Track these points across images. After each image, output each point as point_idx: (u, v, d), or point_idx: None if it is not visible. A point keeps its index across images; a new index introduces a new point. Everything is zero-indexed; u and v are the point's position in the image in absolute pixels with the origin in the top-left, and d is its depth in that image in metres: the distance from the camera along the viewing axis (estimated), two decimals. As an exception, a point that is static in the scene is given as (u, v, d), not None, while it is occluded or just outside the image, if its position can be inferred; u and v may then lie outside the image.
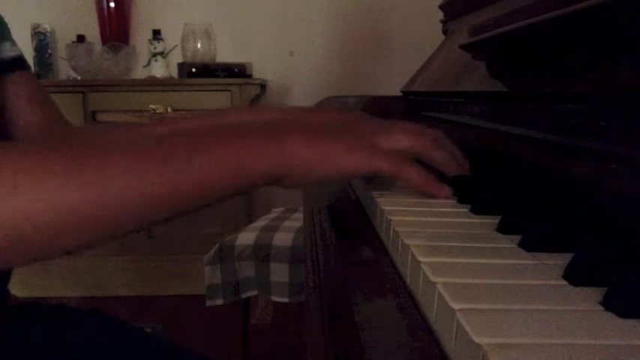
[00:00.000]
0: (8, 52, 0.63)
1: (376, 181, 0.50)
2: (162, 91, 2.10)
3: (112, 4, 2.25)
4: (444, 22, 1.06)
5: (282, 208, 1.64)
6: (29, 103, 0.65)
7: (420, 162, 0.46)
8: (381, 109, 1.12)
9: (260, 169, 0.39)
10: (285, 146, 0.39)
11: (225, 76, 2.11)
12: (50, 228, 0.33)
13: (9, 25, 0.64)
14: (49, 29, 2.26)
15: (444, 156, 0.47)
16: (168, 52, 2.30)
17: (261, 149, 0.39)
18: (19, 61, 0.65)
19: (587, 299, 0.24)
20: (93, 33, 2.29)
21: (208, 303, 1.36)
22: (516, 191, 0.45)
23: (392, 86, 1.21)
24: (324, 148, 0.41)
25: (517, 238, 0.33)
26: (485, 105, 0.64)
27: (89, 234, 0.35)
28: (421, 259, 0.29)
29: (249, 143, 0.39)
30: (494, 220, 0.37)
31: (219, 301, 1.36)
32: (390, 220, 0.38)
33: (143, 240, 2.12)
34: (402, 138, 0.45)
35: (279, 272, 1.31)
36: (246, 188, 0.40)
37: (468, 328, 0.21)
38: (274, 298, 1.32)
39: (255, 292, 1.36)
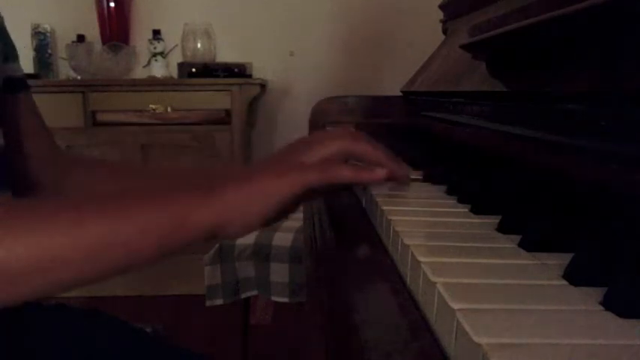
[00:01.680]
0: (17, 72, 0.64)
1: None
2: (162, 91, 2.10)
3: (112, 4, 2.25)
4: (444, 22, 1.06)
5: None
6: (32, 119, 0.66)
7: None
8: (380, 109, 1.12)
9: (195, 222, 0.40)
10: (215, 196, 0.41)
11: (225, 76, 2.11)
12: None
13: (9, 26, 0.65)
14: (49, 29, 2.26)
15: (368, 147, 0.47)
16: (169, 52, 2.30)
17: (195, 203, 0.40)
18: (25, 82, 0.66)
19: (587, 299, 0.24)
20: (93, 33, 2.29)
21: (208, 303, 1.36)
22: (516, 191, 0.45)
23: (392, 86, 1.21)
24: (254, 184, 0.42)
25: (517, 238, 0.33)
26: (485, 105, 0.64)
27: (39, 283, 0.37)
28: (421, 259, 0.29)
29: (181, 199, 0.41)
30: (494, 220, 0.37)
31: (219, 301, 1.36)
32: (390, 220, 0.38)
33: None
34: (322, 148, 0.46)
35: (279, 272, 1.30)
36: (185, 243, 0.41)
37: (467, 328, 0.21)
38: (274, 298, 1.32)
39: (255, 292, 1.36)
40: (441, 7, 1.06)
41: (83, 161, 0.71)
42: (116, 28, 2.28)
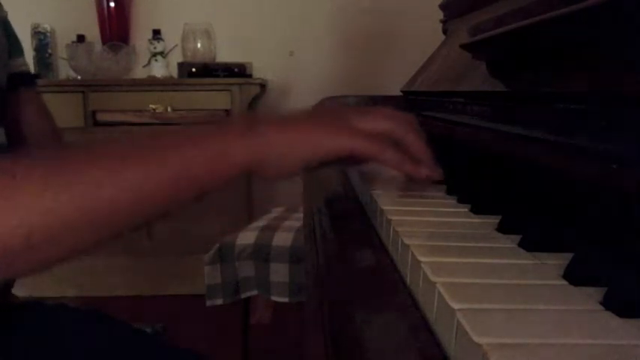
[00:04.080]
0: (23, 67, 0.64)
1: (374, 179, 0.50)
2: (162, 90, 2.10)
3: (112, 4, 2.25)
4: (444, 21, 1.06)
5: (282, 208, 1.64)
6: (41, 117, 0.66)
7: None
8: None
9: (236, 159, 0.40)
10: (259, 133, 0.40)
11: (225, 76, 2.11)
12: (42, 235, 0.34)
13: (10, 23, 0.65)
14: (49, 29, 2.25)
15: (420, 142, 0.46)
16: (169, 52, 2.30)
17: (236, 138, 0.40)
18: (31, 76, 0.66)
19: (587, 299, 0.24)
20: (93, 33, 2.29)
21: (208, 303, 1.36)
22: (516, 191, 0.45)
23: (392, 86, 1.21)
24: (299, 131, 0.41)
25: (517, 238, 0.33)
26: (485, 105, 0.64)
27: (85, 237, 0.36)
28: (421, 258, 0.29)
29: (225, 133, 0.40)
30: (494, 220, 0.37)
31: (219, 301, 1.36)
32: (390, 220, 0.38)
33: (143, 240, 2.12)
34: (379, 121, 0.45)
35: (279, 272, 1.30)
36: (223, 181, 0.40)
37: (468, 328, 0.21)
38: (274, 298, 1.32)
39: (255, 292, 1.36)
40: (441, 7, 1.06)
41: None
42: (116, 28, 2.27)
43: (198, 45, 2.21)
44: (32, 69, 2.20)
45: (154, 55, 2.26)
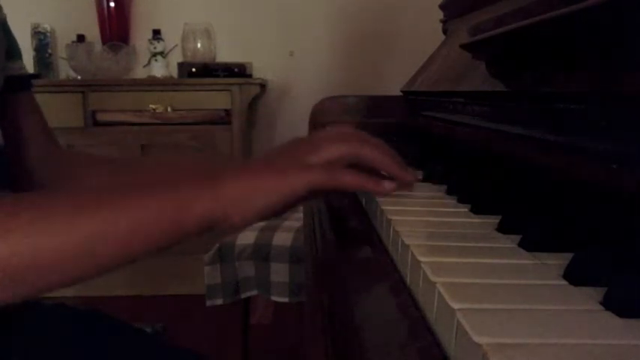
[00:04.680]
0: (21, 70, 0.64)
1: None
2: (162, 90, 2.10)
3: (112, 4, 2.25)
4: (444, 21, 1.06)
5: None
6: (33, 118, 0.66)
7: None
8: (380, 108, 1.12)
9: (196, 213, 0.40)
10: (218, 188, 0.40)
11: (225, 76, 2.11)
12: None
13: (9, 25, 0.64)
14: (49, 29, 2.25)
15: (376, 153, 0.46)
16: (169, 52, 2.30)
17: (194, 194, 0.40)
18: (29, 80, 0.66)
19: (587, 299, 0.24)
20: (93, 33, 2.29)
21: (208, 303, 1.36)
22: (516, 191, 0.45)
23: (392, 86, 1.21)
24: (255, 178, 0.41)
25: (517, 238, 0.33)
26: (485, 105, 0.64)
27: (33, 281, 0.37)
28: (421, 258, 0.29)
29: (182, 189, 0.40)
30: (494, 220, 0.37)
31: (219, 301, 1.36)
32: (390, 220, 0.38)
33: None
34: (331, 149, 0.45)
35: (279, 272, 1.30)
36: (183, 235, 0.40)
37: (467, 328, 0.21)
38: (274, 298, 1.32)
39: (255, 292, 1.36)
40: (441, 7, 1.06)
41: (83, 158, 0.71)
42: (116, 28, 2.27)
43: (198, 45, 2.21)
44: (32, 69, 2.20)
45: (154, 55, 2.26)
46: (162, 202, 0.39)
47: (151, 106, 2.07)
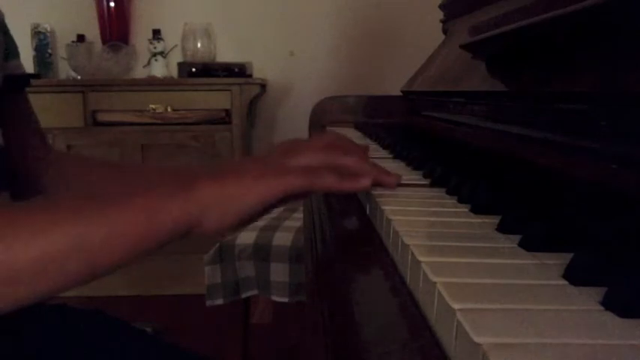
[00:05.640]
0: (18, 70, 0.64)
1: None
2: (162, 90, 2.10)
3: (112, 4, 2.25)
4: (444, 22, 1.06)
5: (282, 208, 1.64)
6: (33, 122, 0.66)
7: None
8: (381, 108, 1.12)
9: (171, 218, 0.39)
10: (193, 192, 0.40)
11: (225, 76, 2.11)
12: None
13: (9, 26, 0.65)
14: (49, 29, 2.25)
15: (349, 160, 0.46)
16: (169, 52, 2.30)
17: (168, 199, 0.40)
18: (27, 79, 0.66)
19: (587, 299, 0.24)
20: (93, 33, 2.29)
21: (208, 303, 1.36)
22: (516, 191, 0.45)
23: (392, 86, 1.21)
24: (232, 183, 0.41)
25: (517, 238, 0.33)
26: (485, 105, 0.64)
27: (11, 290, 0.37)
28: (421, 258, 0.29)
29: (156, 195, 0.40)
30: (494, 220, 0.37)
31: (219, 301, 1.36)
32: (390, 219, 0.38)
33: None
34: (309, 156, 0.45)
35: (279, 272, 1.30)
36: (160, 241, 0.40)
37: (467, 328, 0.21)
38: (274, 298, 1.32)
39: (255, 292, 1.36)
40: (441, 7, 1.06)
41: (78, 159, 0.71)
42: (116, 28, 2.28)
43: (198, 45, 2.21)
44: (32, 69, 2.20)
45: (154, 55, 2.27)
46: (136, 210, 0.39)
47: (151, 106, 2.07)
